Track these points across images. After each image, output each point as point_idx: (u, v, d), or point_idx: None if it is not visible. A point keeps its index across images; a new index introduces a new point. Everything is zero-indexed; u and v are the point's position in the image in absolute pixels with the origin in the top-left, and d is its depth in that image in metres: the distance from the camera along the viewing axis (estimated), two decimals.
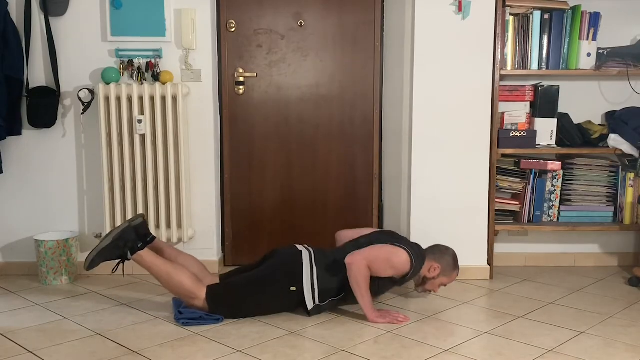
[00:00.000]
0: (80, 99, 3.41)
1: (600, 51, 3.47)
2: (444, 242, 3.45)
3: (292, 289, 2.84)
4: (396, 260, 2.85)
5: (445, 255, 3.05)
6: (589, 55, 3.43)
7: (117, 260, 2.85)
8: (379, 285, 2.93)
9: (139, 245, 2.85)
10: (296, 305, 2.89)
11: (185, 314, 2.81)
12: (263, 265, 2.93)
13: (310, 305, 2.85)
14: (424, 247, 3.08)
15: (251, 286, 2.86)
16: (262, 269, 2.91)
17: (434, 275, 3.01)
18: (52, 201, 3.59)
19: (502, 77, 3.50)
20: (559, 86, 3.53)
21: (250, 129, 3.71)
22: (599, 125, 3.64)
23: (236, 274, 3.03)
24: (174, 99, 3.40)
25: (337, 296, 2.91)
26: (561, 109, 3.58)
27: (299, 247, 2.98)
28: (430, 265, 3.00)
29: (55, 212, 3.59)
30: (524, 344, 2.56)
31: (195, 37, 3.48)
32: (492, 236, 3.49)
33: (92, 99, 3.43)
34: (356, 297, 2.82)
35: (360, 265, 2.78)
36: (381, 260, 2.83)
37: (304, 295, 2.84)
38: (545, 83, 3.56)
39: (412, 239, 3.46)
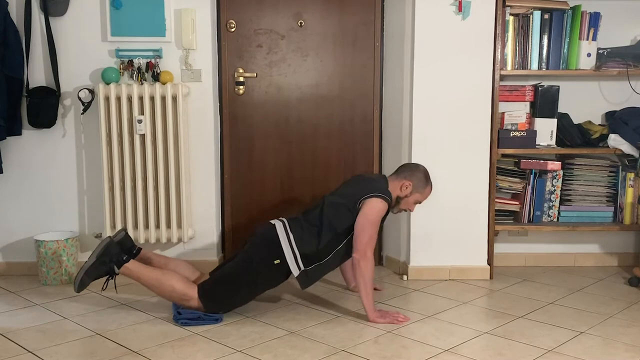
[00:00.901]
0: (80, 99, 3.41)
1: (600, 51, 3.47)
2: (444, 242, 3.47)
3: (276, 262, 2.83)
4: (377, 215, 2.86)
5: (415, 172, 3.03)
6: (589, 55, 3.43)
7: (106, 277, 2.86)
8: None
9: (124, 258, 2.86)
10: (286, 276, 2.89)
11: (184, 314, 2.81)
12: (243, 249, 2.94)
13: (295, 272, 2.83)
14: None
15: (238, 271, 2.85)
16: (243, 252, 2.92)
17: (406, 193, 3.00)
18: (52, 201, 3.59)
19: (502, 77, 3.51)
20: (559, 86, 3.53)
21: (250, 128, 3.71)
22: (599, 125, 3.64)
23: (221, 266, 3.04)
24: (174, 99, 3.40)
25: (322, 259, 2.89)
26: (561, 109, 3.58)
27: (272, 221, 2.97)
28: (401, 184, 3.00)
29: (55, 212, 3.59)
30: (524, 344, 2.56)
31: (195, 37, 3.48)
32: (492, 236, 3.49)
33: (92, 99, 3.43)
34: (360, 293, 2.82)
35: (368, 259, 2.79)
36: (373, 232, 2.84)
37: (287, 263, 2.84)
38: (545, 83, 3.56)
39: (412, 239, 3.47)
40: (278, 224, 2.92)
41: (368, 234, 2.83)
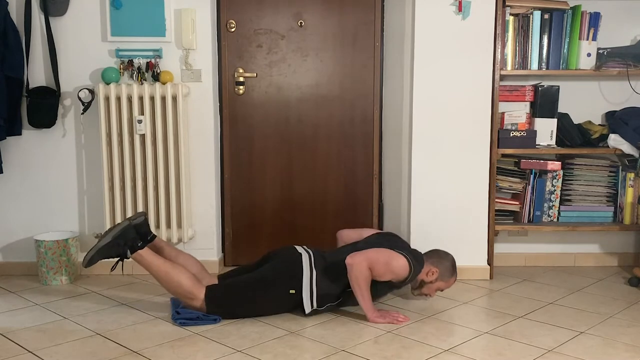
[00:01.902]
0: (80, 99, 3.41)
1: (600, 51, 3.47)
2: (444, 242, 3.45)
3: (291, 291, 2.84)
4: (395, 265, 2.84)
5: (444, 260, 3.04)
6: (589, 55, 3.44)
7: (116, 259, 2.85)
8: (377, 289, 2.92)
9: (139, 244, 2.85)
10: (294, 307, 2.89)
11: (183, 314, 2.80)
12: (263, 267, 2.93)
13: (308, 309, 2.84)
14: (424, 250, 3.09)
15: (251, 288, 2.86)
16: (261, 270, 2.91)
17: (431, 279, 3.01)
18: (52, 201, 3.59)
19: (502, 77, 3.51)
20: (559, 86, 3.53)
21: (250, 129, 3.71)
22: (599, 125, 3.64)
23: (235, 274, 3.03)
24: (174, 99, 3.40)
25: (335, 301, 2.91)
26: (561, 109, 3.58)
27: (299, 249, 2.97)
28: (428, 269, 3.00)
29: (55, 212, 3.59)
30: (524, 344, 2.56)
31: (195, 37, 3.48)
32: (492, 236, 3.49)
33: (92, 99, 3.43)
34: (356, 298, 2.82)
35: (361, 266, 2.78)
36: (381, 263, 2.82)
37: (302, 298, 2.84)
38: (545, 83, 3.56)
39: (412, 239, 3.46)
40: (305, 256, 2.91)
41: (374, 257, 2.80)
